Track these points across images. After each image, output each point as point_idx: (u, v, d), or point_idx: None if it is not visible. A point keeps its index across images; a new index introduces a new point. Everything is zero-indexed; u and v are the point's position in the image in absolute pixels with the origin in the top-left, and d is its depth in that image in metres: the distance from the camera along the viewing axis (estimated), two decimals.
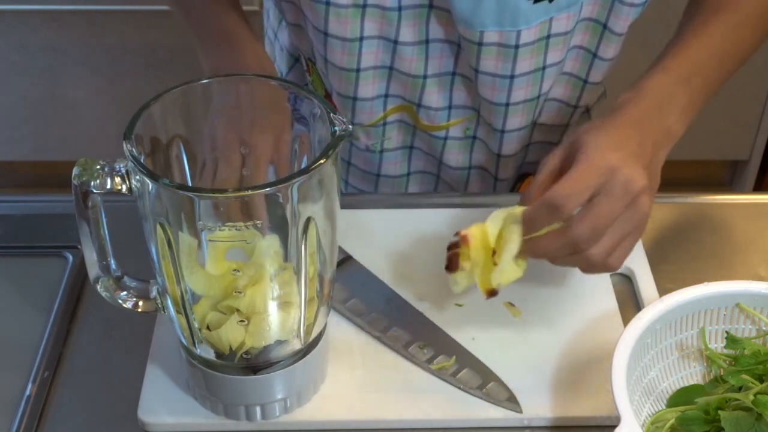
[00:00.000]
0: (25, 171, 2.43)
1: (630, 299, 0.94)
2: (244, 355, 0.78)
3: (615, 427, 0.72)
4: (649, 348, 0.81)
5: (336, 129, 0.73)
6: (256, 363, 0.79)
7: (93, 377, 0.87)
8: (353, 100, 1.04)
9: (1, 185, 2.45)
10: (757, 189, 2.43)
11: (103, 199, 0.73)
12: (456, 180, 1.14)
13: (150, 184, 0.70)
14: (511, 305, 0.91)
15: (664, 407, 0.82)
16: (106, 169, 0.72)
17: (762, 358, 0.80)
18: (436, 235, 0.97)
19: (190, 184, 0.79)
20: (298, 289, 0.76)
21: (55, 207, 1.02)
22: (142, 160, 0.72)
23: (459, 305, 0.91)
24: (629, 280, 0.96)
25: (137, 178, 0.71)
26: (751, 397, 0.75)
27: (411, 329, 0.89)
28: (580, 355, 0.87)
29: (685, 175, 2.15)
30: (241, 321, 0.76)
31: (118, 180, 0.72)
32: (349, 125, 0.73)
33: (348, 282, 0.93)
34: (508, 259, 0.81)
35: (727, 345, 0.83)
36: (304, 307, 0.77)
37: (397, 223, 1.00)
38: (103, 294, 0.79)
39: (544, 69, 1.01)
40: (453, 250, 0.83)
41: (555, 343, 0.88)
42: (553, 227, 0.81)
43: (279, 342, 0.78)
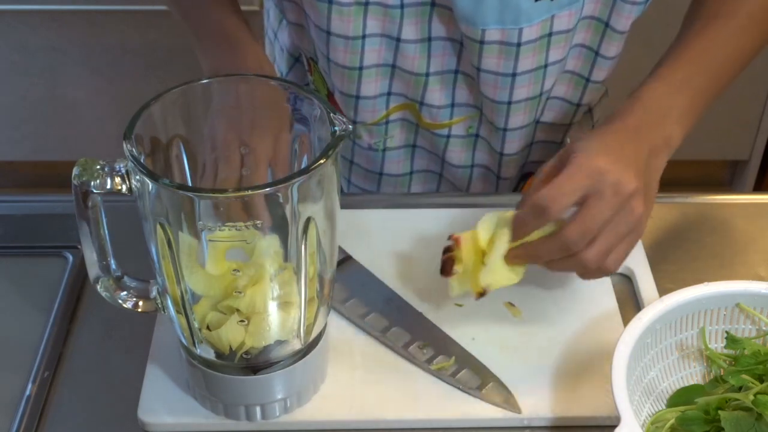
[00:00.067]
0: (25, 171, 2.43)
1: (630, 299, 0.94)
2: (244, 355, 0.78)
3: (615, 427, 0.72)
4: (649, 348, 0.81)
5: (336, 129, 0.73)
6: (256, 363, 0.79)
7: (93, 377, 0.87)
8: (356, 98, 1.04)
9: (1, 185, 2.45)
10: (757, 189, 2.43)
11: (103, 199, 0.73)
12: (459, 179, 1.14)
13: (150, 184, 0.70)
14: (511, 305, 0.91)
15: (664, 407, 0.82)
16: (106, 169, 0.72)
17: (762, 358, 0.80)
18: (438, 235, 0.96)
19: (190, 184, 0.79)
20: (298, 289, 0.76)
21: (55, 207, 1.02)
22: (142, 160, 0.72)
23: (459, 305, 0.91)
24: (629, 280, 0.96)
25: (137, 178, 0.71)
26: (751, 397, 0.75)
27: (411, 329, 0.89)
28: (580, 355, 0.87)
29: (685, 175, 2.14)
30: (241, 321, 0.76)
31: (118, 180, 0.72)
32: (349, 125, 0.73)
33: (348, 282, 0.93)
34: (495, 259, 0.83)
35: (727, 345, 0.83)
36: (304, 307, 0.77)
37: (398, 223, 1.00)
38: (103, 294, 0.79)
39: (546, 67, 1.01)
40: (447, 255, 0.85)
41: (555, 343, 0.88)
42: (545, 231, 0.82)
43: (279, 342, 0.78)
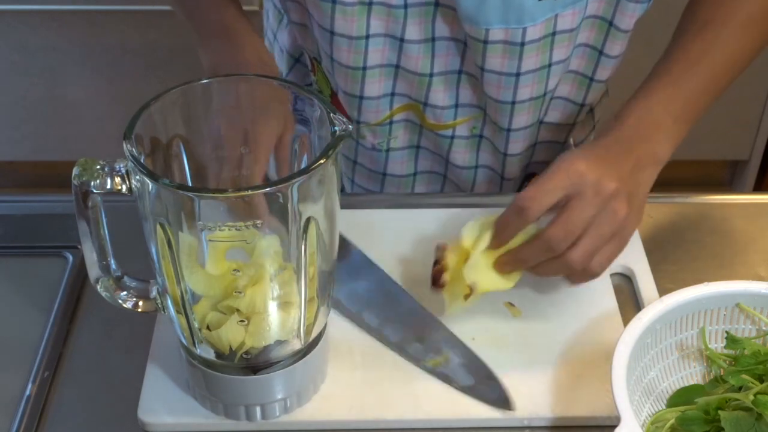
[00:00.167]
0: (25, 171, 2.43)
1: (630, 299, 0.94)
2: (244, 355, 0.78)
3: (615, 427, 0.72)
4: (649, 348, 0.81)
5: (336, 129, 0.73)
6: (256, 363, 0.79)
7: (93, 377, 0.87)
8: (359, 98, 1.04)
9: (1, 185, 2.45)
10: (757, 189, 2.43)
11: (103, 199, 0.73)
12: (463, 180, 1.14)
13: (150, 184, 0.70)
14: (511, 305, 0.91)
15: (664, 407, 0.82)
16: (106, 169, 0.72)
17: (762, 358, 0.80)
18: (441, 236, 0.96)
19: (190, 184, 0.79)
20: (298, 289, 0.76)
21: (55, 207, 1.02)
22: (142, 160, 0.72)
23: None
24: (629, 280, 0.96)
25: (137, 178, 0.71)
26: (751, 397, 0.75)
27: (407, 323, 0.89)
28: (580, 355, 0.87)
29: (685, 175, 2.15)
30: (241, 321, 0.76)
31: (118, 180, 0.72)
32: (349, 125, 0.73)
33: (346, 270, 0.92)
34: (477, 254, 0.85)
35: (727, 345, 0.83)
36: (304, 307, 0.77)
37: (401, 223, 1.00)
38: (103, 294, 0.79)
39: (549, 66, 1.01)
40: (436, 267, 0.87)
41: (555, 343, 0.88)
42: (529, 233, 0.84)
43: (279, 342, 0.78)
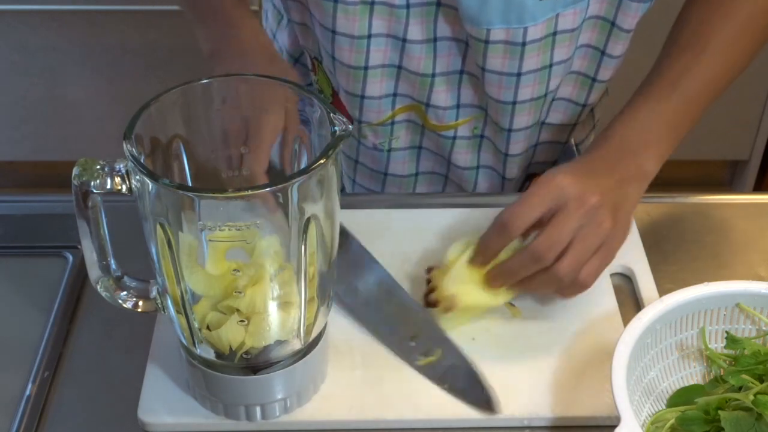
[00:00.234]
0: (25, 171, 2.43)
1: (630, 299, 0.94)
2: (244, 355, 0.77)
3: (615, 427, 0.72)
4: (649, 348, 0.81)
5: (336, 129, 0.73)
6: (256, 363, 0.79)
7: (93, 377, 0.87)
8: (361, 98, 1.04)
9: (1, 185, 2.45)
10: (757, 189, 2.43)
11: (103, 199, 0.73)
12: (464, 180, 1.14)
13: (150, 184, 0.70)
14: (511, 305, 0.91)
15: (664, 407, 0.82)
16: (106, 169, 0.72)
17: (762, 358, 0.80)
18: (443, 236, 0.97)
19: (190, 184, 0.79)
20: (298, 289, 0.76)
21: (55, 207, 1.02)
22: (142, 160, 0.72)
23: None
24: (629, 280, 0.96)
25: (137, 178, 0.71)
26: (751, 397, 0.75)
27: (404, 322, 0.89)
28: (580, 355, 0.87)
29: (685, 175, 2.15)
30: (241, 321, 0.76)
31: (118, 180, 0.72)
32: (349, 125, 0.73)
33: (344, 265, 0.91)
34: (458, 267, 0.87)
35: (727, 345, 0.83)
36: (304, 307, 0.77)
37: (402, 223, 1.00)
38: (103, 294, 0.79)
39: (551, 67, 1.01)
40: (428, 286, 0.89)
41: (555, 343, 0.88)
42: (513, 249, 0.86)
43: (279, 342, 0.78)
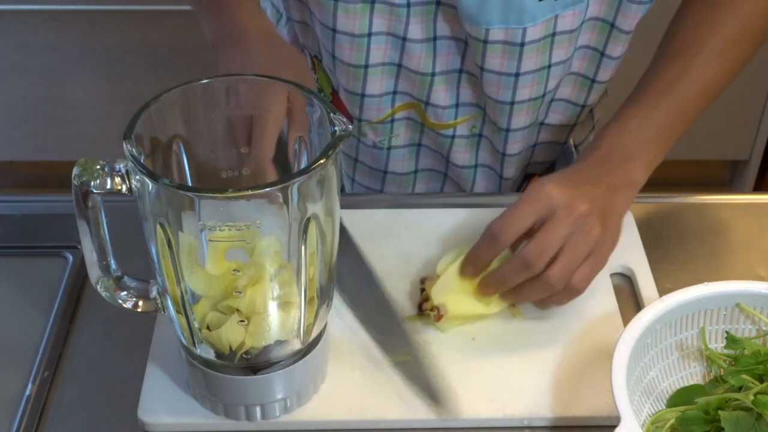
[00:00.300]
0: (25, 171, 2.43)
1: (630, 299, 0.94)
2: (244, 355, 0.77)
3: (615, 427, 0.72)
4: (649, 348, 0.81)
5: (336, 129, 0.73)
6: (256, 363, 0.79)
7: (93, 377, 0.87)
8: (361, 96, 1.04)
9: (1, 185, 2.45)
10: (757, 189, 2.43)
11: (103, 199, 0.73)
12: (463, 179, 1.14)
13: (150, 184, 0.70)
14: (511, 305, 0.91)
15: (664, 407, 0.82)
16: (106, 169, 0.72)
17: (762, 358, 0.80)
18: (441, 236, 0.97)
19: (190, 184, 0.79)
20: (298, 289, 0.76)
21: (55, 207, 1.02)
22: (142, 160, 0.72)
23: None
24: (629, 280, 0.96)
25: (137, 178, 0.71)
26: (751, 397, 0.75)
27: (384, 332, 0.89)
28: (580, 355, 0.87)
29: (685, 175, 2.15)
30: (241, 321, 0.76)
31: (118, 180, 0.72)
32: (349, 125, 0.73)
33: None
34: (445, 277, 0.87)
35: (727, 345, 0.83)
36: (304, 307, 0.77)
37: (401, 223, 1.00)
38: (103, 294, 0.79)
39: (549, 67, 1.01)
40: (422, 295, 0.90)
41: (555, 343, 0.88)
42: (504, 259, 0.86)
43: (279, 342, 0.78)
